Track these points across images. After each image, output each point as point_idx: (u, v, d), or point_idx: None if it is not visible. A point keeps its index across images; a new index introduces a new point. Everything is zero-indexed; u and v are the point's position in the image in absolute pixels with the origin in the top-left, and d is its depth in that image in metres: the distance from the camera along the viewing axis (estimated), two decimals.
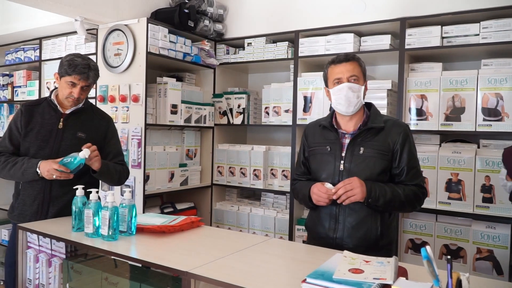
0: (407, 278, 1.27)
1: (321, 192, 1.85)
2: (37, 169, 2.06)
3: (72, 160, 2.01)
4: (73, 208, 1.90)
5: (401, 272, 1.31)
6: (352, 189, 1.78)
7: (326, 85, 2.01)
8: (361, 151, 1.89)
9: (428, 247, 1.06)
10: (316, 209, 2.00)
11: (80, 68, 2.14)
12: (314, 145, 2.05)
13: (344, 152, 1.92)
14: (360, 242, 1.86)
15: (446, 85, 2.63)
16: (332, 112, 2.05)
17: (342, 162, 1.91)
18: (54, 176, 2.03)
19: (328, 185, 1.85)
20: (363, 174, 1.85)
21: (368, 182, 1.81)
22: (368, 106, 2.02)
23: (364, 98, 1.94)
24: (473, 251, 2.57)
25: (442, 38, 2.68)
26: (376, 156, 1.88)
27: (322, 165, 1.98)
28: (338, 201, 1.82)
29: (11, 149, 2.20)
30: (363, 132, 1.91)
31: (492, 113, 2.51)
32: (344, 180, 1.82)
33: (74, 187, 1.93)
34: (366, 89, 1.96)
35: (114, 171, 2.27)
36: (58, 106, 2.23)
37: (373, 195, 1.80)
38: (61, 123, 2.21)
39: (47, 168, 2.02)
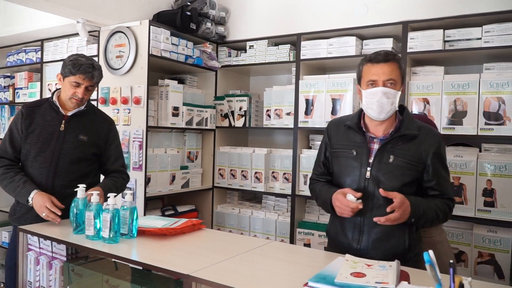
0: (409, 282, 1.26)
1: (343, 205, 1.71)
2: (29, 199, 2.03)
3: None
4: (74, 210, 1.89)
5: (403, 276, 1.31)
6: (402, 213, 1.63)
7: (359, 83, 1.83)
8: (391, 160, 1.74)
9: (430, 251, 1.05)
10: (339, 216, 1.84)
11: (85, 67, 2.12)
12: (338, 147, 1.89)
13: (372, 158, 1.77)
14: (386, 255, 1.68)
15: (448, 88, 2.63)
16: (360, 111, 1.88)
17: (368, 169, 1.76)
18: (43, 214, 1.98)
19: (350, 197, 1.71)
20: (389, 184, 1.72)
21: (411, 199, 1.67)
22: (401, 109, 1.84)
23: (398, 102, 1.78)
24: (474, 255, 2.57)
25: (444, 41, 2.68)
26: (406, 166, 1.74)
27: (346, 170, 1.83)
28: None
29: (11, 153, 2.17)
30: (395, 138, 1.76)
31: (494, 117, 2.50)
32: (401, 202, 1.63)
33: (75, 189, 1.93)
34: (402, 93, 1.81)
35: (116, 189, 2.20)
36: (60, 108, 2.21)
37: (416, 214, 1.67)
38: (62, 125, 2.20)
39: (40, 204, 1.99)
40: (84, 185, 1.96)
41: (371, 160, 1.77)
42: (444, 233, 2.23)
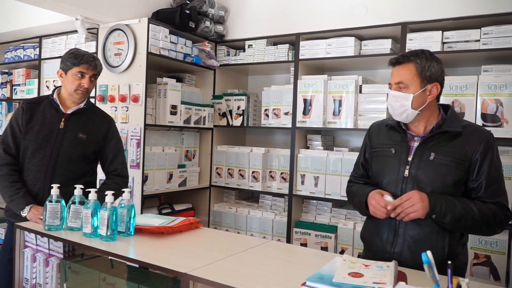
0: (406, 283, 1.26)
1: (378, 205, 1.65)
2: (26, 209, 2.04)
3: None
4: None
5: (401, 277, 1.31)
6: (411, 206, 1.57)
7: None
8: (432, 157, 1.66)
9: (429, 252, 1.06)
10: (374, 218, 1.77)
11: (87, 57, 2.18)
12: (378, 146, 1.84)
13: (411, 156, 1.70)
14: (421, 262, 1.54)
15: (446, 90, 2.63)
16: None
17: (407, 167, 1.69)
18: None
19: (388, 198, 1.65)
20: (431, 184, 1.64)
21: (432, 195, 1.59)
22: (446, 109, 1.77)
23: (428, 101, 1.69)
24: (470, 257, 2.57)
25: (443, 43, 2.69)
26: (449, 164, 1.63)
27: (385, 169, 1.77)
28: (398, 218, 1.63)
29: (14, 149, 2.17)
30: (436, 135, 1.69)
31: (492, 119, 2.51)
32: (402, 196, 1.61)
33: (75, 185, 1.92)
34: (431, 93, 1.69)
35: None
36: (60, 106, 2.22)
37: (438, 210, 1.56)
38: (62, 123, 2.20)
39: (38, 216, 1.98)
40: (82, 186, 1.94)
41: (410, 158, 1.70)
42: None
